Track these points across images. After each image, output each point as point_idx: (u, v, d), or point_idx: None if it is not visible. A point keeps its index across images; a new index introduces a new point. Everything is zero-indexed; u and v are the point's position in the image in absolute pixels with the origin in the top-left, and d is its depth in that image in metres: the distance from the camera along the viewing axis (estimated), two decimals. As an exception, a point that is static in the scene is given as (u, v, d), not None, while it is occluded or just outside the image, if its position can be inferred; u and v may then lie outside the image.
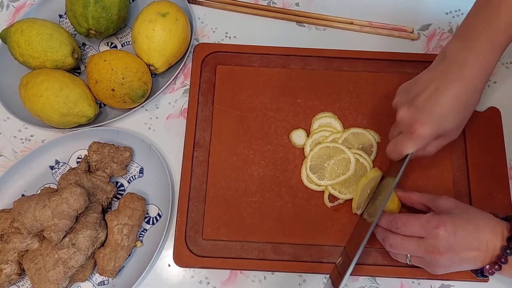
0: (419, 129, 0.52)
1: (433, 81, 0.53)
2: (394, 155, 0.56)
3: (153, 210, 0.63)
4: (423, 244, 0.51)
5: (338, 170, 0.62)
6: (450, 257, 0.50)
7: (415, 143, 0.54)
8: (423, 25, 0.72)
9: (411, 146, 0.54)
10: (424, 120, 0.52)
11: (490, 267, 0.51)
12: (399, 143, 0.55)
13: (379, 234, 0.56)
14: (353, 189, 0.61)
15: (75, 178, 0.59)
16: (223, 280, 0.60)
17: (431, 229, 0.50)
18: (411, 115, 0.53)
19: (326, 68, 0.68)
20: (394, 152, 0.56)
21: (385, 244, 0.54)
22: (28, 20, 0.65)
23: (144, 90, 0.64)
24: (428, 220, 0.51)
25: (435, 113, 0.52)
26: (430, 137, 0.54)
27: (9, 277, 0.56)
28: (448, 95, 0.52)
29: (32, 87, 0.61)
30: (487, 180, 0.62)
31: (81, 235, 0.56)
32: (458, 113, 0.53)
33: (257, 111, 0.66)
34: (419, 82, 0.55)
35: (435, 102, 0.52)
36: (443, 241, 0.50)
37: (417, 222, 0.52)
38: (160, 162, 0.63)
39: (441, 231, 0.50)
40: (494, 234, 0.50)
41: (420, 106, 0.53)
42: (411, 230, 0.52)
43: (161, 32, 0.64)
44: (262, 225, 0.61)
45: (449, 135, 0.55)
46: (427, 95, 0.53)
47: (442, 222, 0.50)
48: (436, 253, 0.50)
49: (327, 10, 0.73)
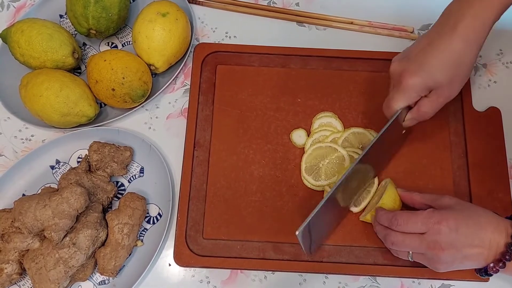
0: (407, 79, 0.52)
1: (428, 35, 0.54)
2: (386, 111, 0.56)
3: (154, 209, 0.63)
4: (425, 240, 0.50)
5: (333, 169, 0.62)
6: (452, 254, 0.50)
7: (404, 95, 0.53)
8: (423, 25, 0.72)
9: (400, 98, 0.53)
10: (413, 70, 0.52)
11: (494, 265, 0.50)
12: (389, 97, 0.55)
13: (380, 233, 0.55)
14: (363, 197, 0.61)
15: (75, 178, 0.60)
16: (224, 280, 0.60)
17: (432, 224, 0.50)
18: (401, 67, 0.54)
19: (326, 68, 0.68)
20: (385, 108, 0.56)
21: (387, 242, 0.54)
22: (29, 20, 0.65)
23: (144, 90, 0.64)
24: (430, 215, 0.51)
25: (425, 64, 0.52)
26: (419, 89, 0.53)
27: (10, 276, 0.56)
28: (440, 47, 0.52)
29: (33, 87, 0.61)
30: (487, 179, 0.62)
31: (81, 234, 0.56)
32: (450, 67, 0.52)
33: (257, 110, 0.66)
34: (415, 42, 0.55)
35: (426, 54, 0.52)
36: (445, 236, 0.49)
37: (419, 218, 0.51)
38: (160, 162, 0.63)
39: (443, 226, 0.49)
40: (497, 232, 0.50)
41: (411, 58, 0.53)
42: (412, 226, 0.51)
43: (161, 32, 0.64)
44: (262, 225, 0.61)
45: (441, 91, 0.53)
46: (419, 48, 0.53)
47: (444, 217, 0.50)
48: (438, 249, 0.50)
49: (327, 10, 0.73)
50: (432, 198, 0.55)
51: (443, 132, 0.64)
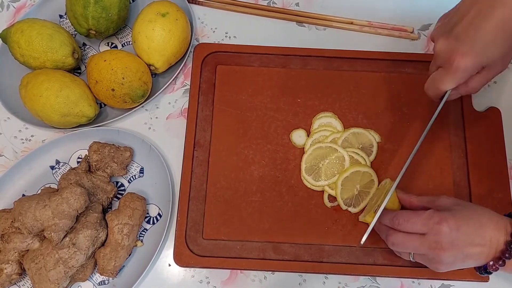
0: (459, 61, 0.48)
1: (474, 6, 0.48)
2: (431, 91, 0.53)
3: (154, 209, 0.63)
4: (426, 241, 0.50)
5: (333, 169, 0.62)
6: (454, 253, 0.49)
7: (454, 77, 0.49)
8: (423, 25, 0.72)
9: (450, 81, 0.50)
10: (465, 50, 0.47)
11: (494, 263, 0.50)
12: (437, 78, 0.51)
13: (382, 233, 0.55)
14: (361, 198, 0.61)
15: (75, 178, 0.60)
16: (224, 280, 0.60)
17: (433, 225, 0.50)
18: (450, 46, 0.49)
19: (326, 68, 0.68)
20: (432, 89, 0.52)
21: (388, 242, 0.54)
22: (29, 20, 0.65)
23: (144, 90, 0.64)
24: (430, 216, 0.50)
25: (477, 42, 0.47)
26: (472, 70, 0.49)
27: (9, 276, 0.56)
28: (492, 19, 0.47)
29: (33, 87, 0.61)
30: (487, 179, 0.62)
31: (81, 234, 0.56)
32: (504, 41, 0.48)
33: (257, 111, 0.66)
34: (459, 10, 0.50)
35: (476, 29, 0.47)
36: (445, 237, 0.49)
37: (419, 218, 0.51)
38: (160, 162, 0.63)
39: (443, 226, 0.49)
40: (497, 230, 0.50)
41: (460, 35, 0.48)
42: (413, 226, 0.51)
43: (161, 32, 0.64)
44: (262, 225, 0.61)
45: (494, 67, 0.50)
46: (467, 21, 0.48)
47: (444, 218, 0.50)
48: (439, 250, 0.49)
49: (327, 10, 0.73)
50: (429, 200, 0.55)
51: (443, 132, 0.64)
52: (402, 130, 0.64)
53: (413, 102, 0.66)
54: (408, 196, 0.57)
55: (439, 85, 0.51)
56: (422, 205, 0.55)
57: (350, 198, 0.60)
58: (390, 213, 0.54)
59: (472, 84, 0.51)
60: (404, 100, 0.66)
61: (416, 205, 0.56)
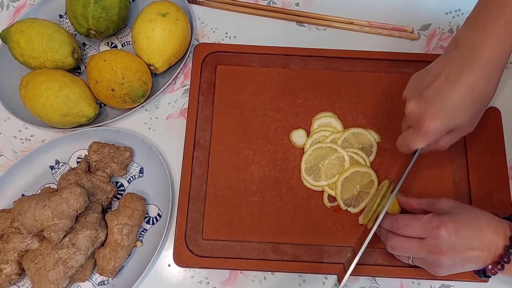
0: (428, 124, 0.49)
1: (444, 70, 0.50)
2: (403, 148, 0.55)
3: (153, 210, 0.63)
4: (424, 245, 0.50)
5: (333, 169, 0.62)
6: (452, 257, 0.50)
7: (424, 139, 0.51)
8: (423, 25, 0.72)
9: (419, 141, 0.51)
10: (434, 114, 0.49)
11: (492, 267, 0.50)
12: (408, 137, 0.53)
13: (382, 236, 0.56)
14: (361, 198, 0.61)
15: (75, 178, 0.59)
16: (223, 280, 0.60)
17: (431, 229, 0.50)
18: (419, 109, 0.50)
19: (326, 68, 0.68)
20: (403, 146, 0.54)
21: (387, 246, 0.54)
22: (28, 20, 0.65)
23: (144, 90, 0.64)
24: (429, 220, 0.51)
25: (446, 106, 0.49)
26: (440, 132, 0.51)
27: (9, 277, 0.56)
28: (461, 85, 0.48)
29: (32, 87, 0.61)
30: (487, 180, 0.62)
31: (81, 235, 0.56)
32: (472, 105, 0.49)
33: (257, 111, 0.66)
34: (430, 72, 0.52)
35: (446, 94, 0.48)
36: (444, 241, 0.49)
37: (418, 223, 0.51)
38: (160, 162, 0.63)
39: (442, 231, 0.49)
40: (496, 234, 0.50)
41: (430, 98, 0.49)
42: (412, 231, 0.51)
43: (161, 32, 0.64)
44: (262, 225, 0.61)
45: (462, 129, 0.52)
46: (437, 85, 0.49)
47: (443, 222, 0.50)
48: (438, 254, 0.49)
49: (327, 10, 0.73)
50: (428, 203, 0.55)
51: (443, 133, 0.64)
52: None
53: (413, 102, 0.66)
54: (408, 199, 0.57)
55: (410, 143, 0.53)
56: (421, 208, 0.55)
57: (350, 198, 0.60)
58: (390, 217, 0.54)
59: (441, 143, 0.54)
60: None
61: (416, 208, 0.56)
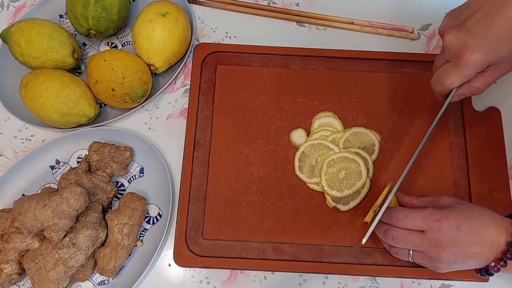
0: (468, 56, 0.47)
1: (486, 2, 0.48)
2: (436, 87, 0.52)
3: (154, 209, 0.63)
4: (426, 238, 0.50)
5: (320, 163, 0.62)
6: (454, 252, 0.49)
7: (461, 73, 0.48)
8: (423, 25, 0.72)
9: (456, 76, 0.49)
10: (475, 45, 0.47)
11: (495, 264, 0.50)
12: (443, 73, 0.50)
13: (379, 229, 0.55)
14: (345, 184, 0.61)
15: (75, 178, 0.60)
16: (223, 280, 0.60)
17: (432, 222, 0.49)
18: (459, 40, 0.48)
19: (326, 68, 0.68)
20: (437, 84, 0.51)
21: (387, 236, 0.53)
22: (29, 20, 0.65)
23: (144, 90, 0.64)
24: (430, 213, 0.50)
25: (489, 37, 0.46)
26: (480, 66, 0.48)
27: (9, 276, 0.56)
28: (505, 16, 0.46)
29: (33, 87, 0.61)
30: (487, 180, 0.62)
31: (81, 234, 0.56)
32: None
33: (257, 111, 0.66)
34: (471, 5, 0.49)
35: (488, 25, 0.46)
36: (445, 235, 0.49)
37: (419, 215, 0.50)
38: (160, 162, 0.63)
39: (443, 224, 0.49)
40: (498, 231, 0.49)
41: (472, 29, 0.47)
42: (413, 222, 0.51)
43: (161, 32, 0.64)
44: (262, 225, 0.61)
45: (500, 66, 0.49)
46: (479, 16, 0.47)
47: (444, 216, 0.49)
48: (439, 247, 0.49)
49: (327, 10, 0.73)
50: (430, 201, 0.55)
51: (443, 132, 0.64)
52: (402, 130, 0.64)
53: (413, 102, 0.66)
54: (409, 198, 0.56)
55: (445, 80, 0.50)
56: (423, 206, 0.55)
57: (337, 186, 0.60)
58: (388, 209, 0.53)
59: (476, 84, 0.51)
60: (404, 100, 0.66)
61: (417, 207, 0.56)
